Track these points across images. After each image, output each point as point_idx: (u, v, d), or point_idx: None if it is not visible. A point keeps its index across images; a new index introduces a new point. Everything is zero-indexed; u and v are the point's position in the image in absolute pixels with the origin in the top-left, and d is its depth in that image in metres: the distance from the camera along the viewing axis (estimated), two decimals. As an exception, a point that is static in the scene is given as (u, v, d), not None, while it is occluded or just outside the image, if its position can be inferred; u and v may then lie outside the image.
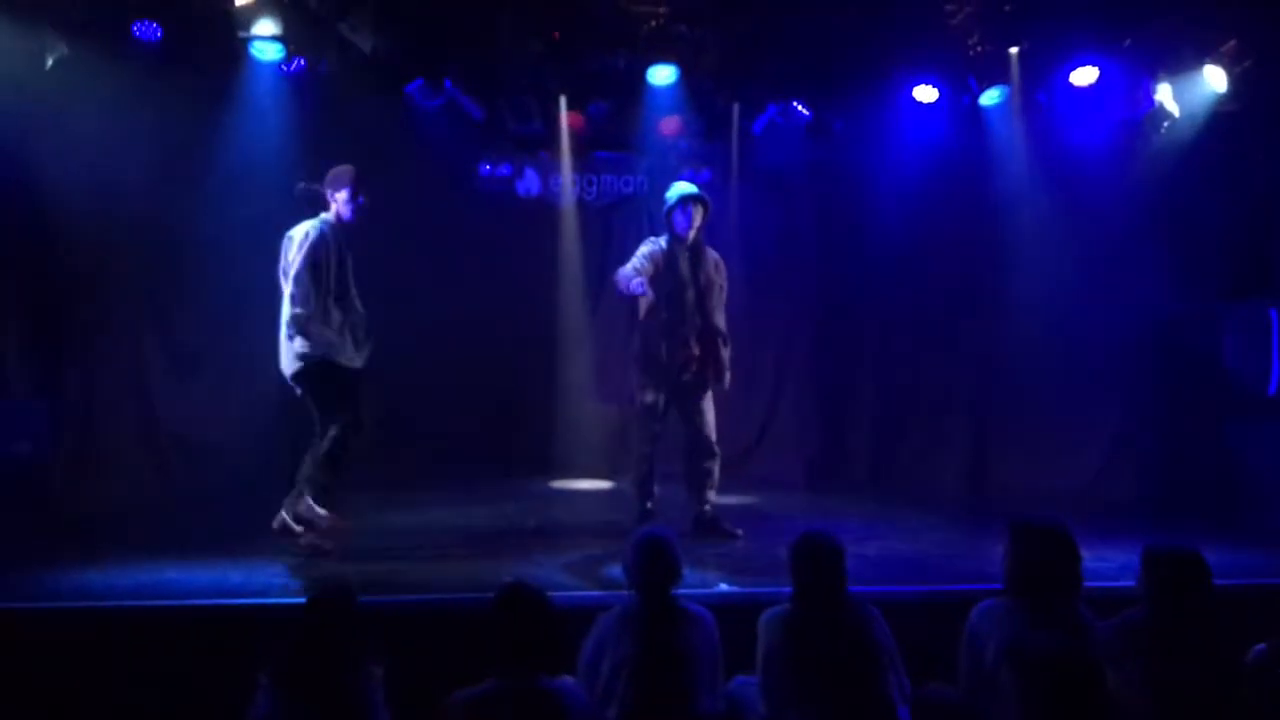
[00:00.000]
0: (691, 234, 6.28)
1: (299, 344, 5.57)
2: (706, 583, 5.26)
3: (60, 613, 4.73)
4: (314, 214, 5.76)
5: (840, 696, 3.59)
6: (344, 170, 5.78)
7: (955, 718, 3.79)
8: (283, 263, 5.66)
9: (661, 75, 7.71)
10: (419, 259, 8.30)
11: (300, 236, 5.62)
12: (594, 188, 9.09)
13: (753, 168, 8.58)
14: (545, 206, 8.83)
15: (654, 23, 7.45)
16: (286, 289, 5.63)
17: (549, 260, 8.80)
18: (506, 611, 3.40)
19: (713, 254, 6.42)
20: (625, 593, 3.93)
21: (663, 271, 6.25)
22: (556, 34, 7.48)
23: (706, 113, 8.35)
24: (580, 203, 9.01)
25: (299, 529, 5.65)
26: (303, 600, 3.54)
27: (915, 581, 5.32)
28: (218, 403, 7.41)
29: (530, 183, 8.85)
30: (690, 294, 6.26)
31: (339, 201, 5.74)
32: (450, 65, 7.60)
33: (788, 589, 3.95)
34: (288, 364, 5.68)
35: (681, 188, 6.35)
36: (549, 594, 3.53)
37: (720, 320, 6.34)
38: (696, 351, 6.25)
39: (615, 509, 7.25)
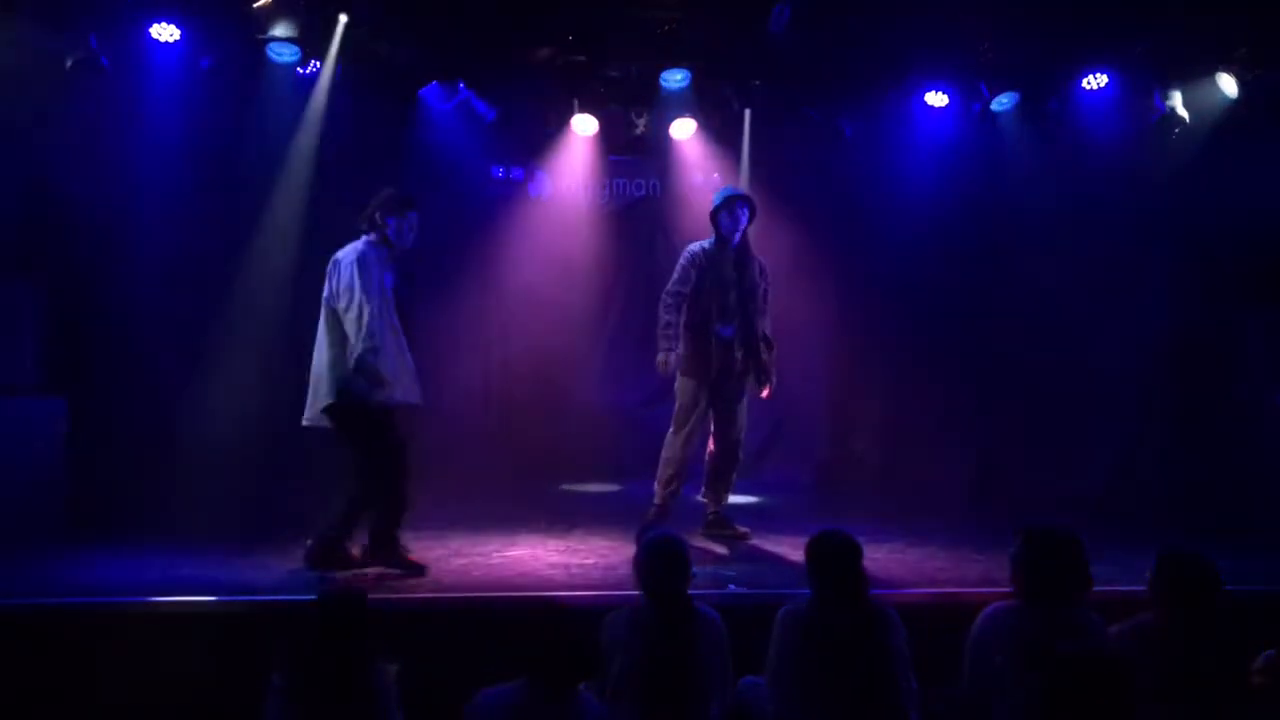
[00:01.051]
0: (738, 236, 6.26)
1: (352, 380, 5.23)
2: (717, 584, 5.30)
3: (75, 608, 4.78)
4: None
5: (852, 698, 3.61)
6: (391, 193, 5.54)
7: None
8: (329, 288, 5.36)
9: (674, 79, 7.74)
10: (430, 260, 8.33)
11: (348, 260, 5.33)
12: (606, 191, 9.12)
13: (764, 171, 8.60)
14: (557, 209, 8.86)
15: (667, 27, 7.48)
16: (340, 316, 5.29)
17: (560, 262, 8.82)
18: (542, 631, 3.43)
19: (758, 258, 6.40)
20: (635, 593, 3.95)
21: (707, 275, 6.23)
22: (571, 37, 7.51)
23: (718, 116, 8.38)
24: (592, 206, 9.04)
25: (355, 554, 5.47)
26: (314, 598, 3.57)
27: (923, 585, 5.35)
28: (235, 402, 7.44)
29: (542, 185, 8.88)
30: (734, 297, 6.24)
31: (388, 225, 5.47)
32: (464, 68, 7.64)
33: (796, 591, 3.98)
34: (328, 397, 5.32)
35: (728, 189, 6.35)
36: (556, 595, 3.57)
37: (764, 324, 6.34)
38: (740, 355, 6.27)
39: (625, 510, 7.28)
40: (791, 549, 6.13)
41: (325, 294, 5.37)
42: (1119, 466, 8.09)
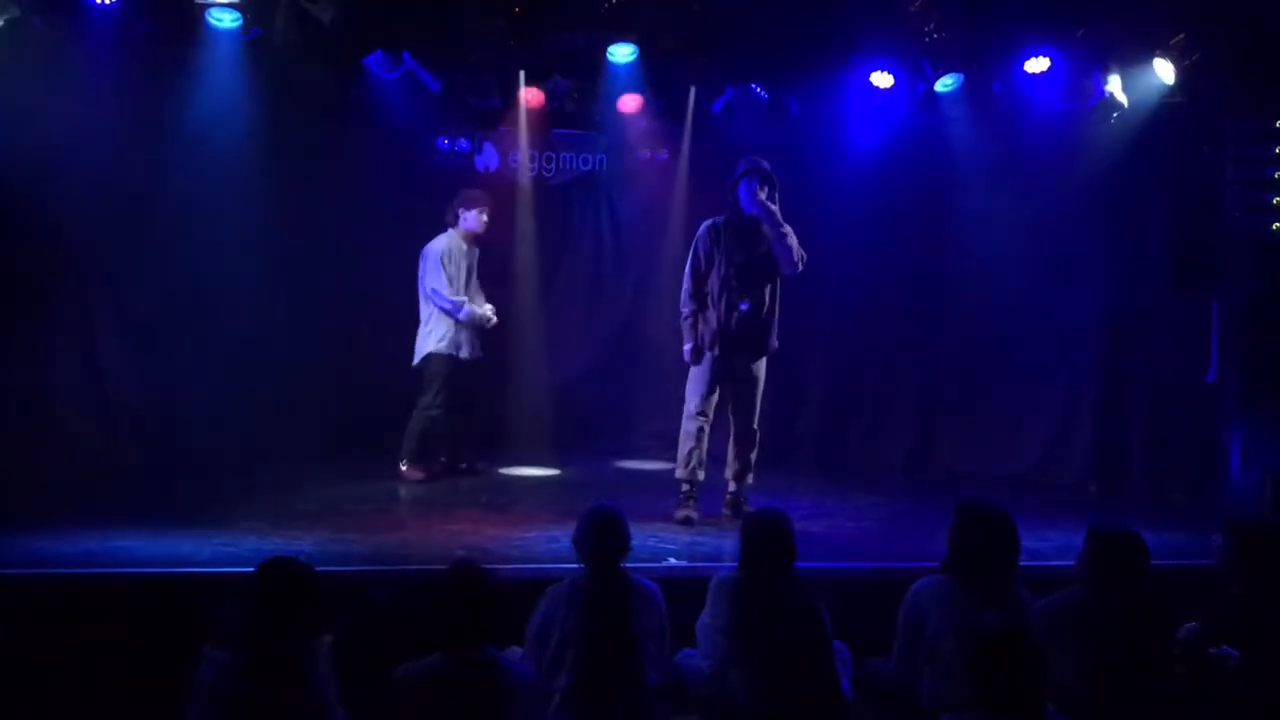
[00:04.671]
0: (752, 209, 6.20)
1: (433, 341, 7.27)
2: (655, 557, 5.34)
3: (4, 579, 4.72)
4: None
5: (785, 666, 3.68)
6: (475, 193, 7.49)
7: (891, 690, 3.90)
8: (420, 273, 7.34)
9: (621, 53, 7.70)
10: (374, 231, 8.27)
11: (434, 252, 7.30)
12: (552, 165, 9.05)
13: (710, 148, 8.60)
14: (503, 182, 8.77)
15: (614, 1, 7.44)
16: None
17: (506, 236, 8.77)
18: (453, 588, 3.44)
19: (771, 219, 6.27)
20: (575, 566, 3.98)
21: (717, 250, 6.23)
22: (518, 9, 7.45)
23: (665, 92, 8.35)
24: (538, 179, 8.98)
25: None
26: (252, 570, 3.54)
27: (859, 559, 5.43)
28: (168, 372, 7.34)
29: (488, 158, 8.78)
30: (745, 270, 6.21)
31: (468, 218, 7.37)
32: (409, 38, 7.54)
33: (734, 565, 4.04)
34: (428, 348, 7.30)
35: (747, 160, 6.33)
36: (496, 568, 3.58)
37: (770, 290, 6.33)
38: (753, 330, 6.24)
39: (567, 484, 7.32)
40: (730, 524, 6.19)
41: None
42: (1054, 444, 8.24)
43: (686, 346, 6.34)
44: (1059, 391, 8.25)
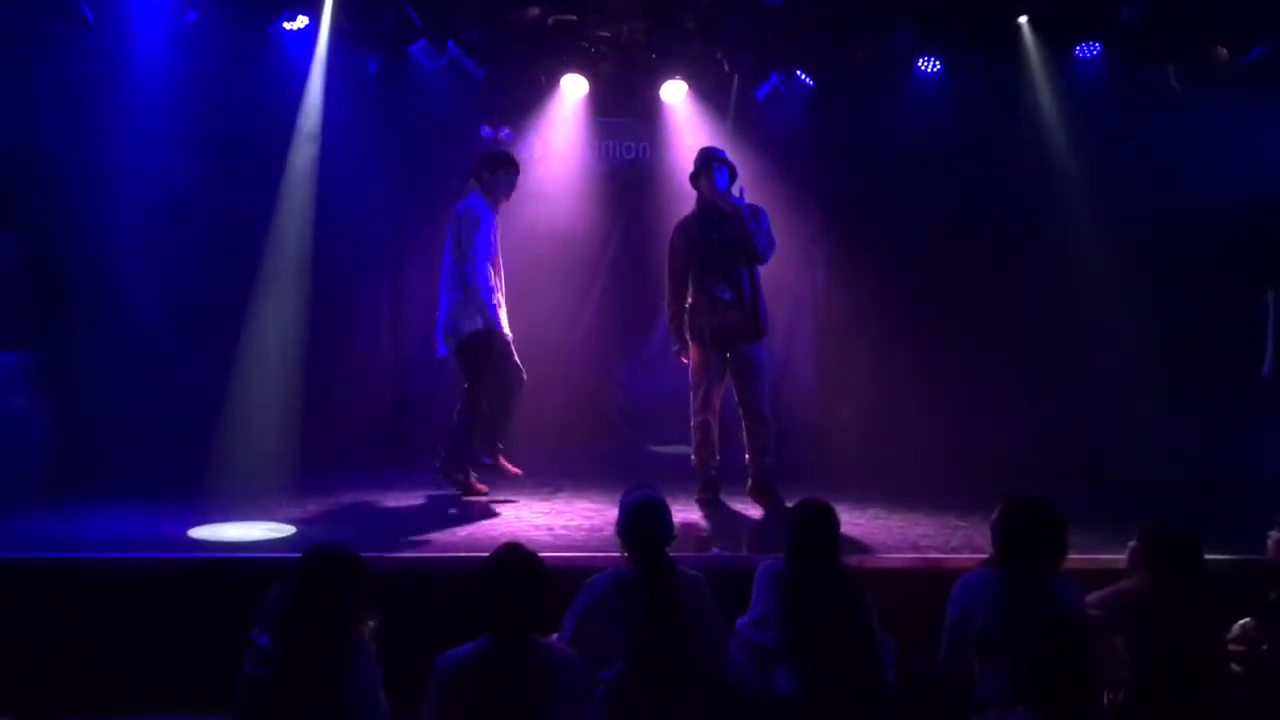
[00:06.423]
0: (719, 198, 6.23)
1: (472, 318, 6.25)
2: (700, 546, 5.32)
3: (56, 563, 4.78)
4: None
5: (829, 655, 3.66)
6: (498, 154, 6.61)
7: (936, 683, 3.86)
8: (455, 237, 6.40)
9: (665, 41, 7.67)
10: (418, 222, 8.28)
11: (468, 215, 6.34)
12: (596, 153, 9.04)
13: (754, 135, 8.54)
14: (547, 170, 8.78)
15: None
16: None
17: (549, 224, 8.76)
18: (500, 573, 3.43)
19: (745, 205, 6.27)
20: (618, 555, 3.96)
21: (692, 244, 6.28)
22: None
23: (709, 79, 8.32)
24: (582, 167, 8.97)
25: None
26: (298, 555, 3.56)
27: (906, 551, 5.38)
28: (223, 363, 7.39)
29: (532, 146, 8.78)
30: (720, 257, 6.22)
31: (495, 182, 6.45)
32: (453, 26, 7.56)
33: (777, 554, 4.01)
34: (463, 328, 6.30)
35: (707, 151, 6.38)
36: (541, 555, 3.56)
37: (746, 275, 6.27)
38: (736, 315, 6.22)
39: (610, 472, 7.29)
40: (756, 506, 6.18)
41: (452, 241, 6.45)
42: (1105, 435, 8.13)
43: (674, 348, 6.46)
44: (1112, 383, 8.13)
